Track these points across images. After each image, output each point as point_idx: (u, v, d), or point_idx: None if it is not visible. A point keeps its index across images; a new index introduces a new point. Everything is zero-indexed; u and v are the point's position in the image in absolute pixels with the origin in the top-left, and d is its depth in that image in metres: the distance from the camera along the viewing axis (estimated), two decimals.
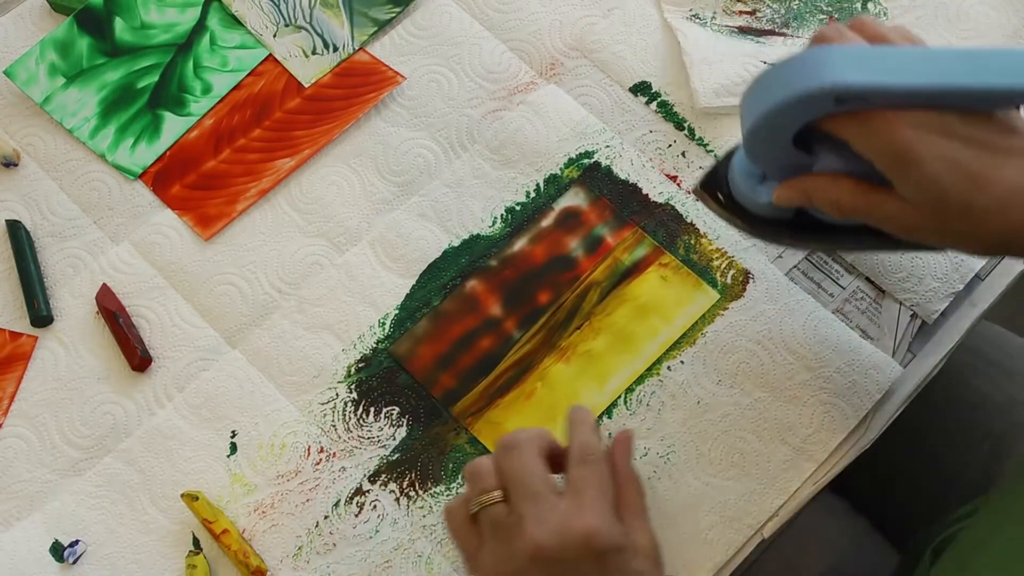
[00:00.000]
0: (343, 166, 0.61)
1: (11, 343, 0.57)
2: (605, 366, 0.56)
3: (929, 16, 0.65)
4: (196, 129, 0.62)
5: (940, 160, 0.41)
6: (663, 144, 0.61)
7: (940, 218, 0.42)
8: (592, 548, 0.42)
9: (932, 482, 0.68)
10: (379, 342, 0.57)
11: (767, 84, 0.43)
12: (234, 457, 0.55)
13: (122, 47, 0.64)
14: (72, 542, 0.53)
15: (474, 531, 0.46)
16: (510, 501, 0.45)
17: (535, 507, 0.44)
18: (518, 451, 0.45)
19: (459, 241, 0.59)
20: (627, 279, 0.58)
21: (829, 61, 0.41)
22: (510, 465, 0.45)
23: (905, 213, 0.43)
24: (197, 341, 0.57)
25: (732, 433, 0.54)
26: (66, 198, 0.61)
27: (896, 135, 0.41)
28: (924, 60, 0.41)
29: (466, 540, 0.46)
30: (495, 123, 0.62)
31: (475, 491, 0.46)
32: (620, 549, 0.43)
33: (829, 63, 0.41)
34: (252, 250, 0.59)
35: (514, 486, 0.45)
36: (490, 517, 0.45)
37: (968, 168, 0.41)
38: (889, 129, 0.41)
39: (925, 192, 0.42)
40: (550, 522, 0.43)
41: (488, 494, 0.45)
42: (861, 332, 0.57)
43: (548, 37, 0.64)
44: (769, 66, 0.43)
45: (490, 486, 0.45)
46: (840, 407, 0.55)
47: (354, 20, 0.65)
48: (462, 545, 0.46)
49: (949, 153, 0.41)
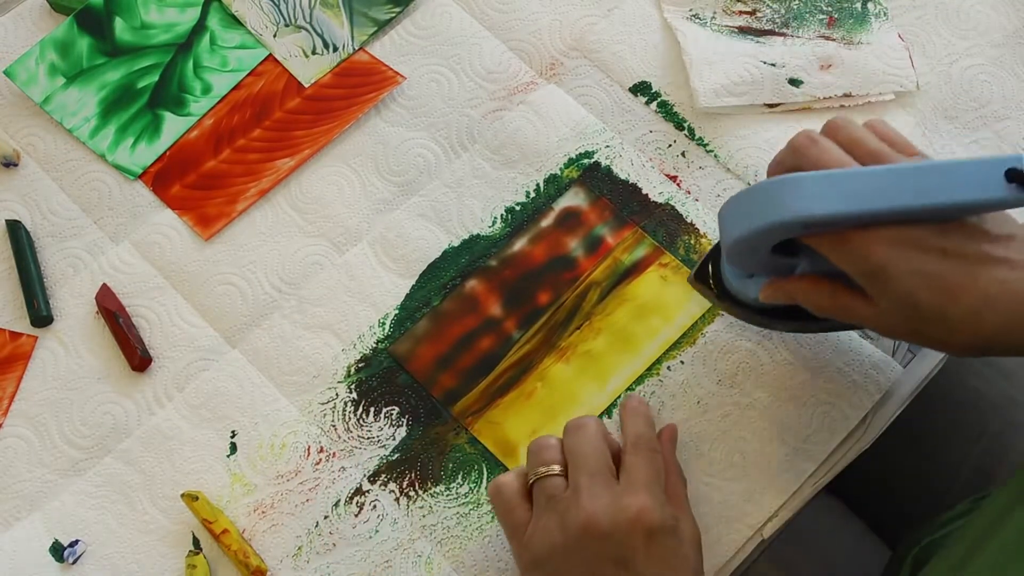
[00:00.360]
0: (343, 166, 0.61)
1: (11, 343, 0.57)
2: (605, 366, 0.56)
3: (929, 16, 0.65)
4: (196, 129, 0.62)
5: (914, 275, 0.42)
6: (663, 144, 0.61)
7: (915, 325, 0.44)
8: (643, 525, 0.45)
9: (927, 481, 0.68)
10: (379, 342, 0.57)
11: (742, 208, 0.45)
12: (234, 457, 0.55)
13: (122, 47, 0.64)
14: (72, 542, 0.53)
15: (525, 505, 0.48)
16: (569, 476, 0.47)
17: (592, 482, 0.46)
18: (584, 431, 0.48)
19: (459, 241, 0.59)
20: (627, 279, 0.58)
21: (797, 192, 0.43)
22: (575, 442, 0.48)
23: (881, 318, 0.45)
24: (197, 341, 0.57)
25: (732, 433, 0.54)
26: (66, 198, 0.61)
27: (869, 254, 0.43)
28: (892, 180, 0.43)
29: (515, 513, 0.48)
30: (495, 123, 0.62)
31: (536, 463, 0.48)
32: (670, 531, 0.45)
33: (797, 195, 0.43)
34: (252, 250, 0.59)
35: (575, 462, 0.47)
36: (546, 490, 0.47)
37: (942, 281, 0.42)
38: (862, 248, 0.43)
39: (900, 304, 0.43)
40: (604, 497, 0.45)
41: (548, 466, 0.47)
42: (861, 332, 0.57)
43: (548, 37, 0.64)
44: (736, 194, 0.46)
45: (552, 460, 0.48)
46: (840, 407, 0.55)
47: (354, 20, 0.65)
48: (510, 519, 0.48)
49: (923, 267, 0.42)
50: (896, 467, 0.69)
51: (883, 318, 0.45)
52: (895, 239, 0.43)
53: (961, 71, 0.63)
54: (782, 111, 0.62)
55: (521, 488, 0.48)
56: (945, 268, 0.42)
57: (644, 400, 0.53)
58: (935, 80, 0.63)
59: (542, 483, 0.47)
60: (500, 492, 0.49)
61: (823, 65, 0.62)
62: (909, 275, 0.42)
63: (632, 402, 0.53)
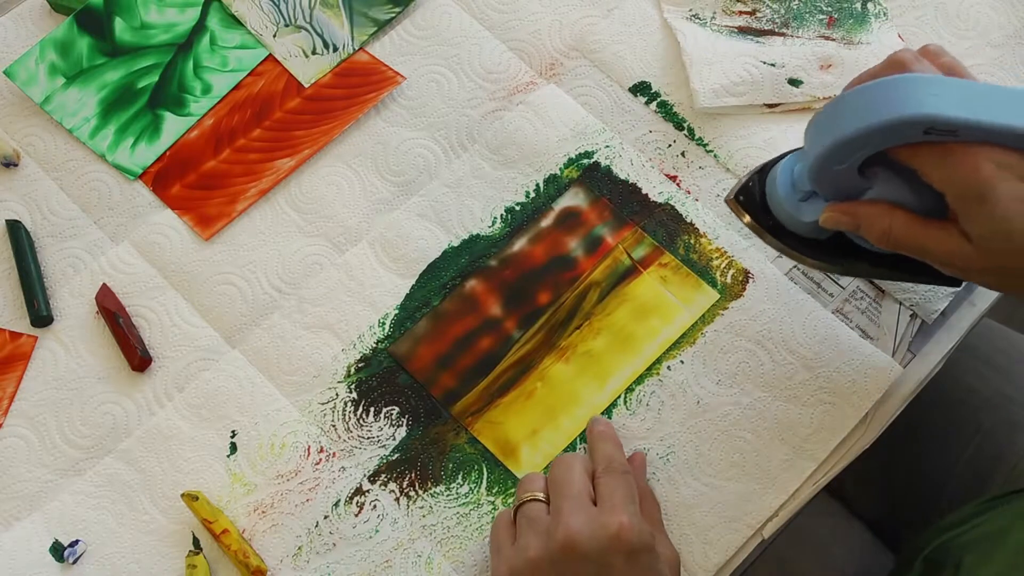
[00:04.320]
0: (343, 166, 0.61)
1: (11, 343, 0.57)
2: (605, 366, 0.56)
3: (929, 16, 0.65)
4: (196, 129, 0.62)
5: (1016, 200, 0.41)
6: (663, 144, 0.61)
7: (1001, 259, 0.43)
8: (623, 543, 0.45)
9: (922, 478, 0.68)
10: (379, 342, 0.57)
11: (853, 107, 0.43)
12: (234, 457, 0.55)
13: (122, 47, 0.64)
14: (72, 542, 0.53)
15: (511, 530, 0.49)
16: (551, 501, 0.48)
17: (572, 504, 0.47)
18: (566, 464, 0.50)
19: (459, 241, 0.59)
20: (627, 279, 0.58)
21: (923, 91, 0.41)
22: (556, 473, 0.49)
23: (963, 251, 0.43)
24: (197, 341, 0.57)
25: (732, 433, 0.54)
26: (66, 198, 0.61)
27: (978, 170, 0.42)
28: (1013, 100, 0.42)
29: (500, 537, 0.49)
30: (495, 123, 0.62)
31: (520, 492, 0.50)
32: (649, 549, 0.46)
33: (923, 93, 0.41)
34: (252, 250, 0.59)
35: (556, 489, 0.48)
36: (528, 513, 0.48)
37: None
38: (972, 163, 0.42)
39: (994, 231, 0.42)
40: (584, 517, 0.46)
41: (532, 493, 0.49)
42: (861, 332, 0.57)
43: (548, 37, 0.64)
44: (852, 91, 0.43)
45: (536, 489, 0.49)
46: (840, 407, 0.55)
47: (354, 20, 0.65)
48: (495, 543, 0.50)
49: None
50: (891, 465, 0.70)
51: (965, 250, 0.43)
52: (1004, 162, 0.41)
53: None
54: (782, 111, 0.62)
55: (509, 518, 0.50)
56: None
57: (611, 423, 0.54)
58: None
59: (524, 508, 0.49)
60: (493, 525, 0.50)
61: (823, 65, 0.62)
62: (1011, 200, 0.41)
63: (599, 426, 0.53)
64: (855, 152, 0.44)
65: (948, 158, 0.42)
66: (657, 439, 0.55)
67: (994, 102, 0.42)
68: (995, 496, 0.58)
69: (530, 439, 0.55)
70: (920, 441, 0.69)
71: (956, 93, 0.42)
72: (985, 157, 0.42)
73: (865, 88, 0.43)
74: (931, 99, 0.41)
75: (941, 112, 0.41)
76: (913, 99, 0.42)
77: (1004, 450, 0.66)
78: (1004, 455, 0.66)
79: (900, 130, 0.42)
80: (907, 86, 0.42)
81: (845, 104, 0.44)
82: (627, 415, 0.55)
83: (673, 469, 0.54)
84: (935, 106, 0.41)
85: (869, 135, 0.43)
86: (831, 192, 0.47)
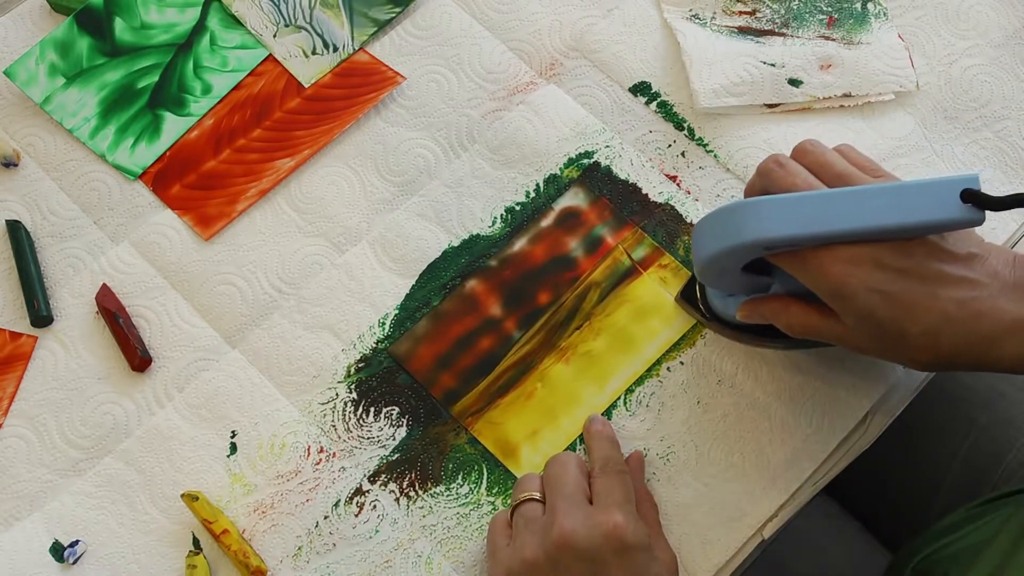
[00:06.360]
0: (343, 166, 0.61)
1: (11, 343, 0.57)
2: (605, 367, 0.56)
3: (929, 16, 0.65)
4: (196, 129, 0.62)
5: (873, 293, 0.43)
6: (663, 144, 0.61)
7: (880, 343, 0.45)
8: (618, 541, 0.45)
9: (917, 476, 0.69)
10: (379, 342, 0.57)
11: (707, 232, 0.46)
12: (234, 457, 0.55)
13: (122, 47, 0.64)
14: (72, 542, 0.53)
15: (507, 531, 0.50)
16: (547, 501, 0.48)
17: (567, 503, 0.47)
18: (561, 462, 0.50)
19: (459, 241, 0.59)
20: (627, 280, 0.58)
21: (755, 215, 0.44)
22: (552, 472, 0.50)
23: (849, 336, 0.46)
24: (197, 341, 0.57)
25: (732, 433, 0.54)
26: (66, 198, 0.61)
27: (827, 272, 0.44)
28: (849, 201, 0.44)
29: (496, 538, 0.50)
30: (495, 123, 0.62)
31: (516, 493, 0.50)
32: (645, 548, 0.46)
33: (755, 218, 0.44)
34: (252, 250, 0.59)
35: (552, 488, 0.49)
36: (524, 513, 0.49)
37: (900, 299, 0.43)
38: (820, 268, 0.44)
39: (863, 321, 0.44)
40: (579, 516, 0.46)
41: (528, 493, 0.49)
42: None
43: (548, 37, 0.64)
44: (704, 217, 0.47)
45: (532, 489, 0.50)
46: (840, 407, 0.55)
47: (354, 20, 0.65)
48: (491, 544, 0.50)
49: (881, 286, 0.43)
50: (886, 463, 0.70)
51: (850, 336, 0.45)
52: (852, 258, 0.43)
53: (961, 71, 0.63)
54: (782, 111, 0.62)
55: (505, 519, 0.50)
56: (904, 287, 0.43)
57: (608, 422, 0.54)
58: (935, 80, 0.63)
59: (520, 508, 0.49)
60: (489, 527, 0.51)
61: (823, 65, 0.62)
62: (868, 293, 0.43)
63: (596, 425, 0.53)
64: (723, 267, 0.47)
65: (802, 264, 0.45)
66: (657, 439, 0.55)
67: (831, 209, 0.43)
68: (987, 499, 0.58)
69: (530, 439, 0.55)
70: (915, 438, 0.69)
71: (786, 212, 0.44)
72: (832, 259, 0.43)
73: (710, 216, 0.46)
74: (759, 224, 0.44)
75: (768, 235, 0.44)
76: (744, 227, 0.44)
77: (997, 447, 0.66)
78: (997, 452, 0.66)
79: (745, 251, 0.45)
80: (736, 214, 0.45)
81: (700, 229, 0.47)
82: (627, 416, 0.55)
83: (673, 469, 0.54)
84: (763, 230, 0.44)
85: (719, 257, 0.46)
86: (738, 291, 0.51)
